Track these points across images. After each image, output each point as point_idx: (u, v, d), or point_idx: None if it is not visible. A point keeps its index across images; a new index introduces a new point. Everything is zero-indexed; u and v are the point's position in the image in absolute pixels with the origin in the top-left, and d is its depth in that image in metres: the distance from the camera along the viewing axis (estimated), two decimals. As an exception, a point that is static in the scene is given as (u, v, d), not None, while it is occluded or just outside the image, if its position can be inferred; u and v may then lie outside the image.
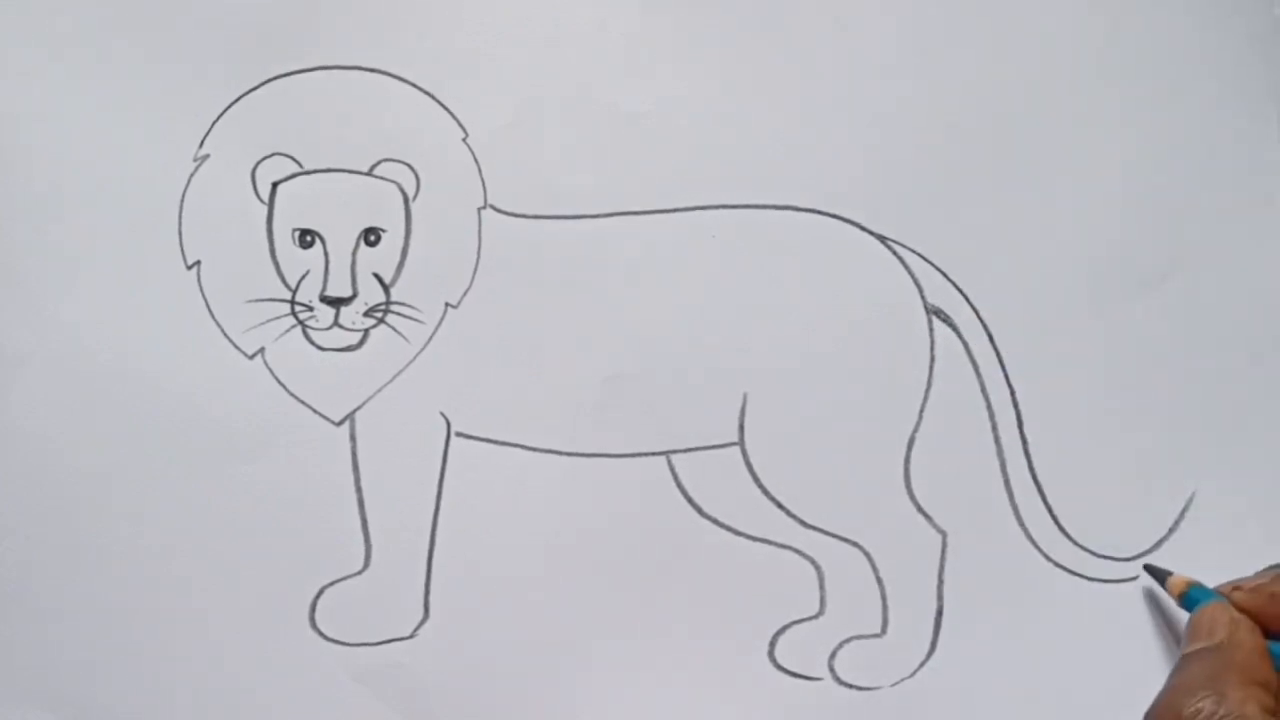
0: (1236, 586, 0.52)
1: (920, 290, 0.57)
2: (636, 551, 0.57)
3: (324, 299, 0.56)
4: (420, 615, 0.56)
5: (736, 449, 0.57)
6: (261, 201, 0.57)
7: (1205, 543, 0.57)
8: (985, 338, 0.57)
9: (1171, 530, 0.57)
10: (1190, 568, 0.56)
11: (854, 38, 0.58)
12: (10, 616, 0.56)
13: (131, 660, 0.56)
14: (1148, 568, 0.56)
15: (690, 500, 0.57)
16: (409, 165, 0.57)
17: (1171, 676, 0.50)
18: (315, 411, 0.57)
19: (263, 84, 0.57)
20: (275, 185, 0.57)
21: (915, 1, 0.58)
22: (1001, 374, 0.57)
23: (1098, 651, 0.56)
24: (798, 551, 0.57)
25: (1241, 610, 0.51)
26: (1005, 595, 0.57)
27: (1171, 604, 0.56)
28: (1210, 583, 0.54)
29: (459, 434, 0.57)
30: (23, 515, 0.56)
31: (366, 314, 0.57)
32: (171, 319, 0.57)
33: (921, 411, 0.57)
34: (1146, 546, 0.57)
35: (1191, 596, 0.53)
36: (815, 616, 0.57)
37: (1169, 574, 0.55)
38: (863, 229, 0.57)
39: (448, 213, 0.57)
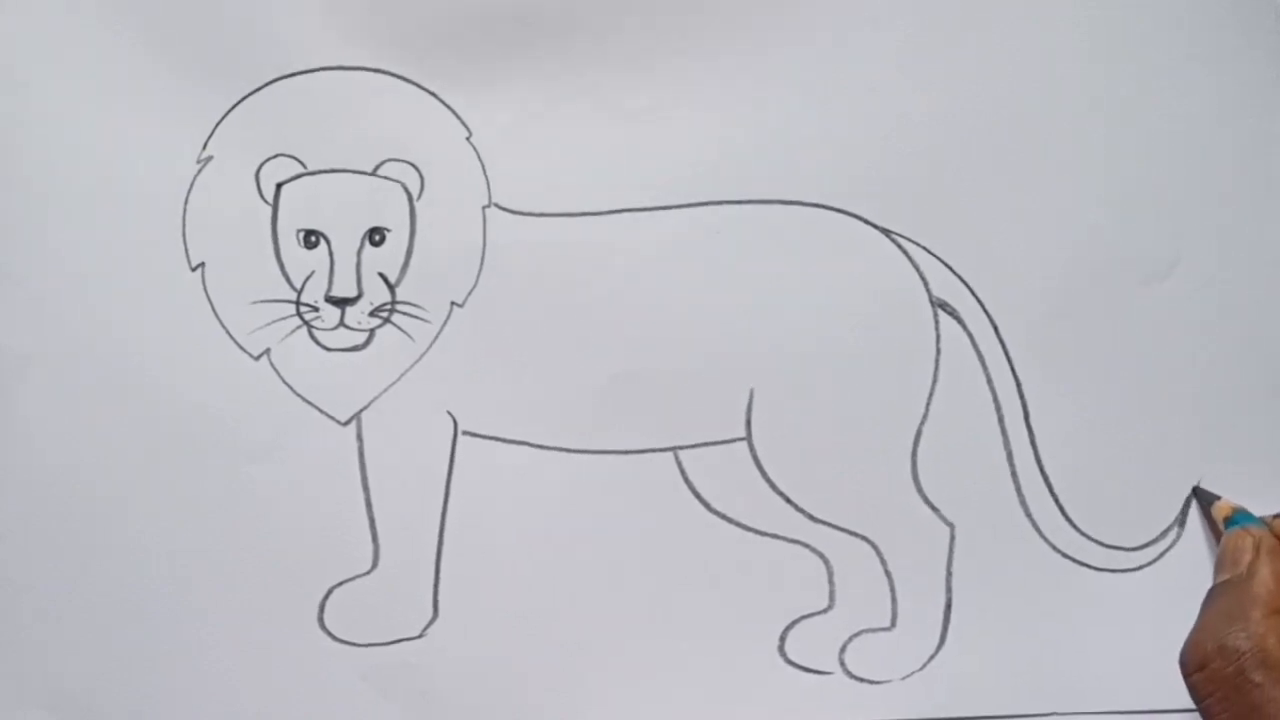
0: (1278, 515, 0.52)
1: (925, 284, 0.58)
2: (645, 548, 0.57)
3: (329, 299, 0.56)
4: (429, 615, 0.56)
5: (744, 444, 0.57)
6: (266, 202, 0.57)
7: (1210, 533, 0.57)
8: (991, 331, 0.57)
9: (1176, 520, 0.57)
10: (1194, 558, 0.57)
11: (858, 32, 0.58)
12: (13, 616, 0.56)
13: (136, 660, 0.56)
14: (1196, 490, 0.56)
15: (698, 496, 0.57)
16: (413, 165, 0.57)
17: (1201, 609, 0.51)
18: (322, 412, 0.57)
19: (266, 85, 0.57)
20: (279, 186, 0.57)
21: (919, -2, 0.58)
22: (1007, 366, 0.57)
23: (1106, 641, 0.57)
24: (806, 546, 0.57)
25: (1276, 535, 0.52)
26: (1013, 586, 0.57)
27: (1181, 591, 0.56)
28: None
29: (466, 433, 0.57)
30: (27, 515, 0.56)
31: (372, 314, 0.57)
32: (176, 321, 0.57)
33: (928, 405, 0.57)
34: (1152, 536, 0.57)
35: (1232, 521, 0.53)
36: (825, 610, 0.57)
37: (1217, 498, 0.55)
38: (867, 223, 0.58)
39: (452, 212, 0.57)
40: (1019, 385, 0.57)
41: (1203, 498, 0.56)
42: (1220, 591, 0.51)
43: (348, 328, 0.57)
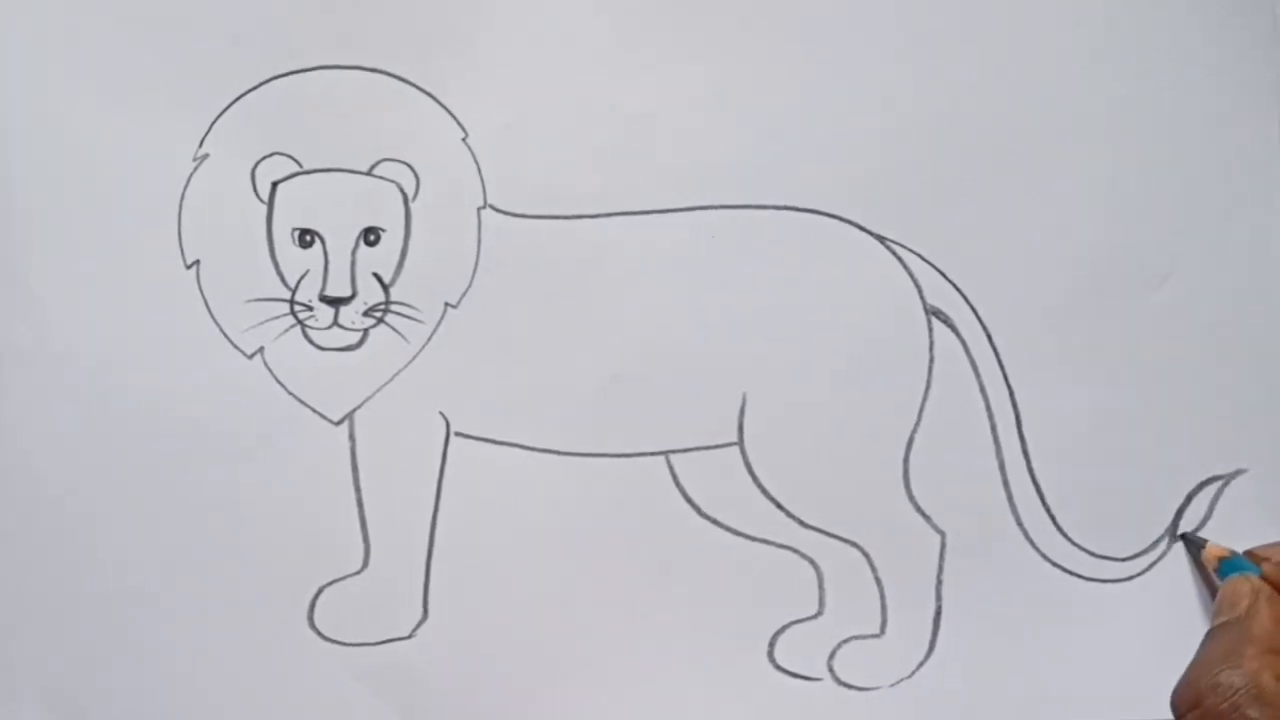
0: (1266, 558, 0.53)
1: (919, 290, 0.57)
2: (635, 552, 0.57)
3: (323, 298, 0.56)
4: (419, 615, 0.57)
5: (736, 449, 0.57)
6: (261, 201, 0.57)
7: (1195, 567, 0.57)
8: (984, 338, 0.57)
9: (1167, 531, 0.57)
10: (1184, 570, 0.57)
11: (854, 37, 0.58)
12: (9, 615, 0.56)
13: (131, 659, 0.56)
14: (1184, 537, 0.56)
15: (689, 500, 0.57)
16: (409, 165, 0.57)
17: (1197, 652, 0.51)
18: (314, 411, 0.57)
19: (263, 84, 0.57)
20: (275, 185, 0.57)
21: (916, 1, 0.58)
22: (1000, 374, 0.57)
23: (1095, 651, 0.56)
24: (797, 551, 0.57)
25: (1272, 583, 0.52)
26: (1004, 595, 0.57)
27: (1170, 602, 0.56)
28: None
29: (458, 434, 0.57)
30: (21, 514, 0.56)
31: (366, 314, 0.57)
32: (170, 318, 0.57)
33: (920, 412, 0.57)
34: (1143, 547, 0.57)
35: (1224, 568, 0.54)
36: (814, 617, 0.57)
37: (1205, 543, 0.55)
38: (862, 229, 0.57)
39: (447, 213, 0.57)
40: (1012, 393, 0.57)
41: (1191, 542, 0.56)
42: (1217, 633, 0.51)
43: (341, 327, 0.57)
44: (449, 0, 0.57)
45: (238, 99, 0.57)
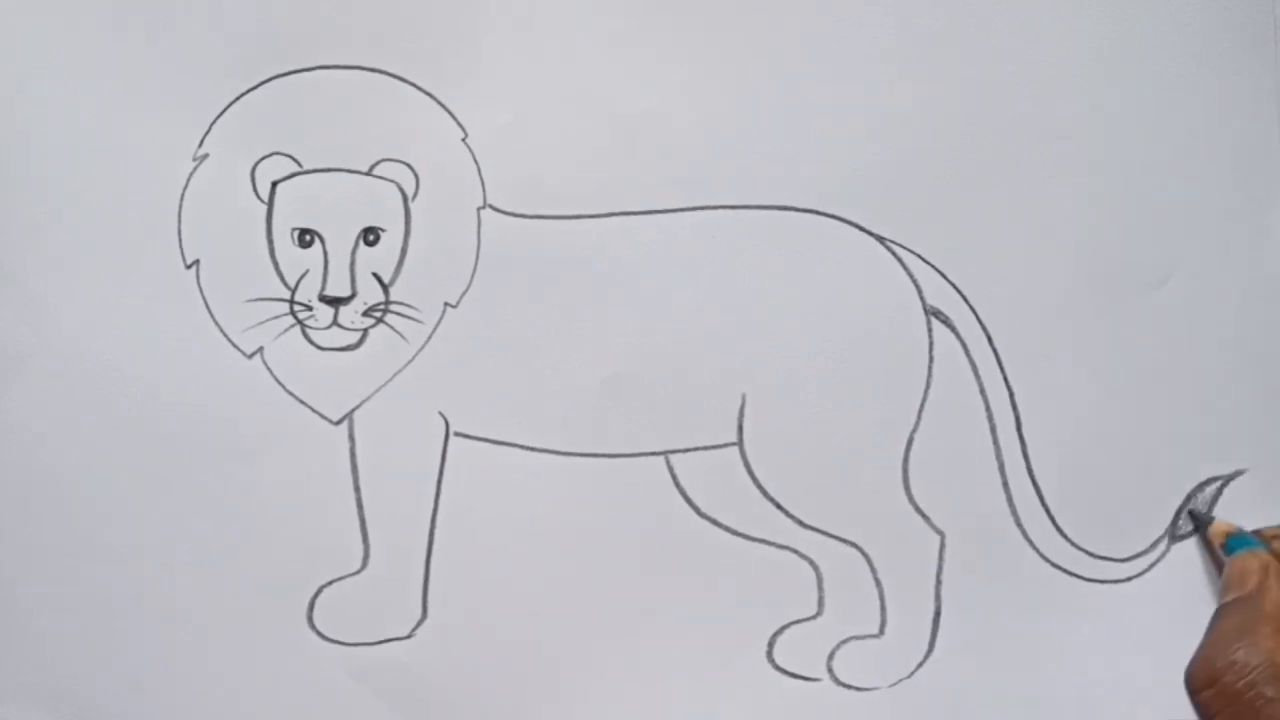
0: (1275, 535, 0.53)
1: (919, 291, 0.57)
2: (635, 552, 0.57)
3: (323, 298, 0.56)
4: (418, 615, 0.57)
5: (735, 449, 0.57)
6: (261, 201, 0.57)
7: (1202, 544, 0.57)
8: (984, 339, 0.57)
9: (1167, 532, 0.57)
10: (1184, 570, 0.57)
11: (854, 37, 0.58)
12: (9, 616, 0.56)
13: (130, 660, 0.56)
14: (1191, 513, 0.56)
15: (689, 500, 0.57)
16: (408, 165, 0.57)
17: (1208, 629, 0.51)
18: (314, 411, 0.57)
19: (262, 83, 0.57)
20: (275, 184, 0.57)
21: (915, 1, 0.58)
22: (1000, 375, 0.57)
23: (1094, 652, 0.56)
24: (796, 552, 0.57)
25: (1278, 558, 0.52)
26: (1003, 596, 0.57)
27: (1170, 603, 0.56)
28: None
29: (457, 434, 0.57)
30: (21, 514, 0.57)
31: (365, 313, 0.57)
32: (170, 318, 0.57)
33: (920, 412, 0.57)
34: (1143, 548, 0.57)
35: (1231, 545, 0.54)
36: (813, 617, 0.57)
37: (1211, 520, 0.55)
38: (861, 229, 0.57)
39: (447, 212, 0.57)
40: (1011, 394, 0.57)
41: (1198, 519, 0.56)
42: (1229, 610, 0.51)
43: (341, 327, 0.57)
44: (449, 0, 0.57)
45: (238, 99, 0.57)
